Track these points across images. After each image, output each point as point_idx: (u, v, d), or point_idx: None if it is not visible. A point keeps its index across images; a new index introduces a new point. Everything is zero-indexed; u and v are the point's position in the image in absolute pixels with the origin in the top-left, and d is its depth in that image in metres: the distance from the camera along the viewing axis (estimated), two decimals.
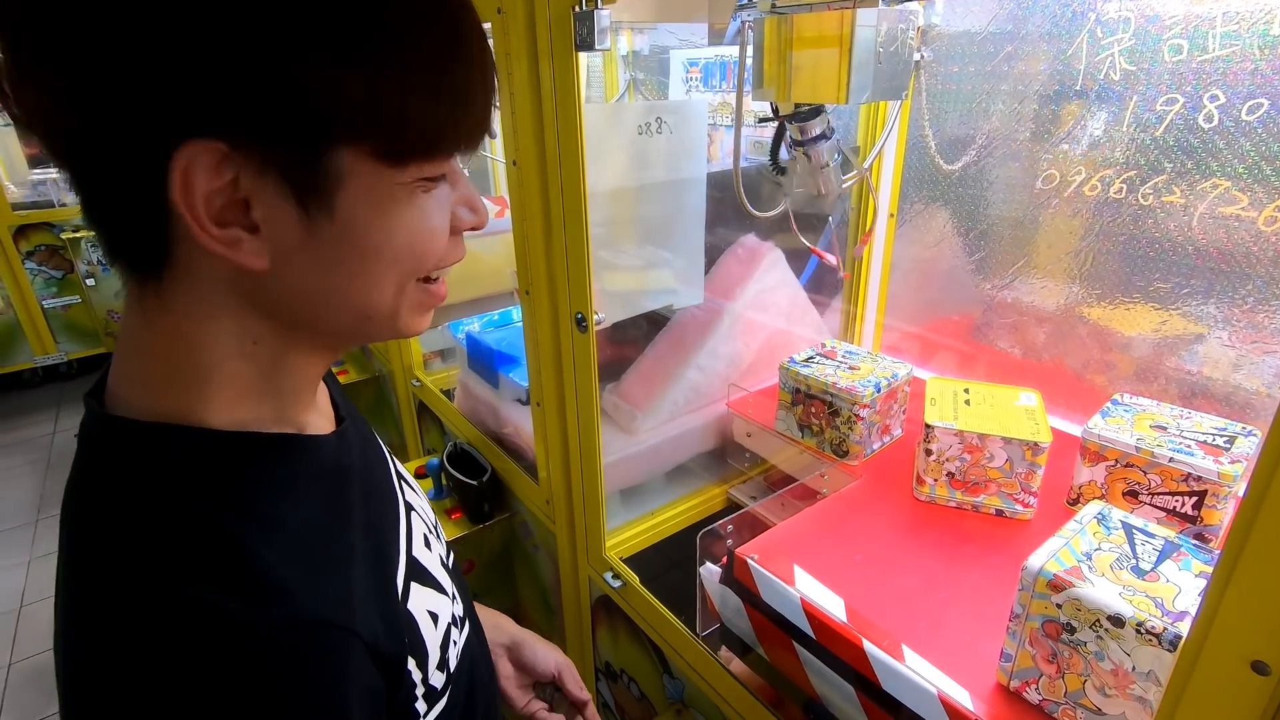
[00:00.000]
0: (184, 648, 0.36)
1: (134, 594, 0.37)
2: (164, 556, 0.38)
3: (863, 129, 1.32)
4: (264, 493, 0.42)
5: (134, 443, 0.41)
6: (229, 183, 0.37)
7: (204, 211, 0.37)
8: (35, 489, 3.03)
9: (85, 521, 0.40)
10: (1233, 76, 0.86)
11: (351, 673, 0.41)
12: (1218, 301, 0.93)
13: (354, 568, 0.45)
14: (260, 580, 0.38)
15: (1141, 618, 0.56)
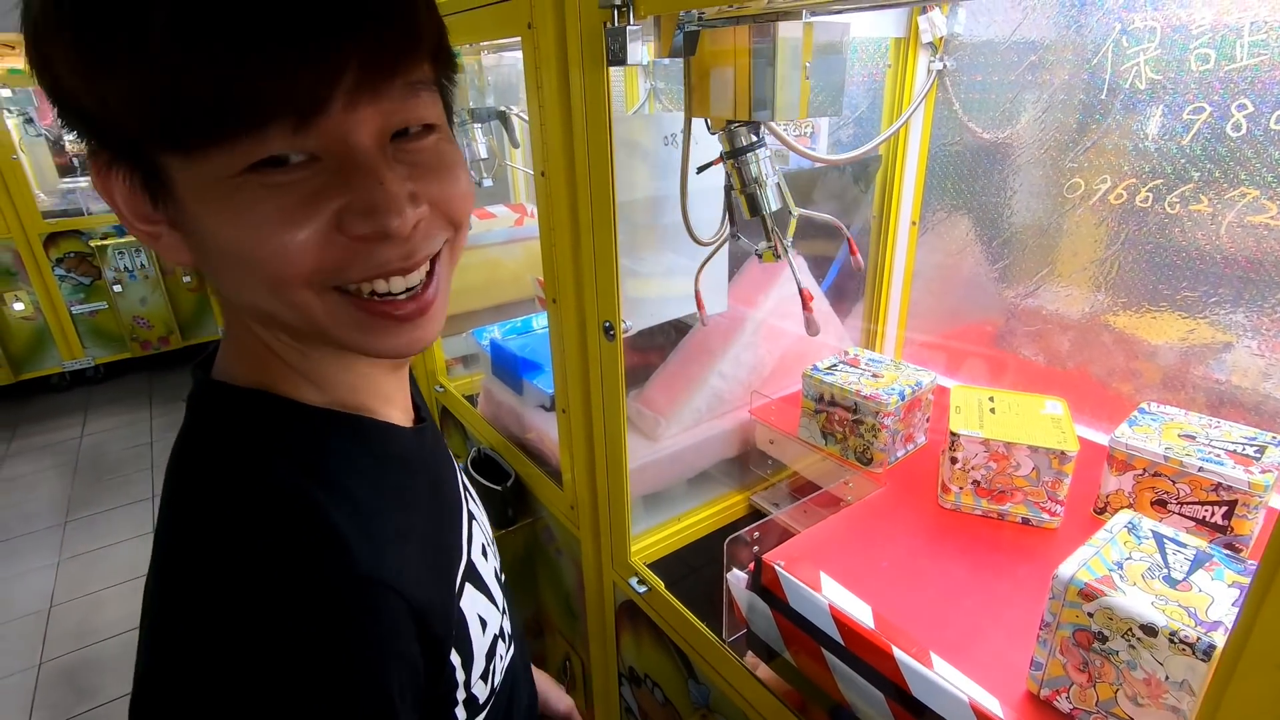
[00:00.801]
0: (246, 588, 0.39)
1: (212, 537, 0.41)
2: (243, 507, 0.42)
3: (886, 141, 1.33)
4: (336, 462, 0.46)
5: (232, 404, 0.46)
6: (138, 187, 0.40)
7: (126, 209, 0.41)
8: (63, 492, 3.09)
9: (184, 471, 0.45)
10: (1261, 85, 0.86)
11: (396, 634, 0.43)
12: (1246, 310, 0.93)
13: (411, 544, 0.47)
14: (323, 535, 0.42)
15: (1175, 627, 0.56)
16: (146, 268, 3.91)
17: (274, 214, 0.38)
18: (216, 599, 0.39)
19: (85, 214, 3.81)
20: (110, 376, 4.15)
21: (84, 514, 2.93)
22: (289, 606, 0.39)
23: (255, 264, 0.39)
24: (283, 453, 0.44)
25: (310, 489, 0.43)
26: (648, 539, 1.19)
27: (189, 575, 0.41)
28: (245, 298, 0.43)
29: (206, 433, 0.46)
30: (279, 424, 0.46)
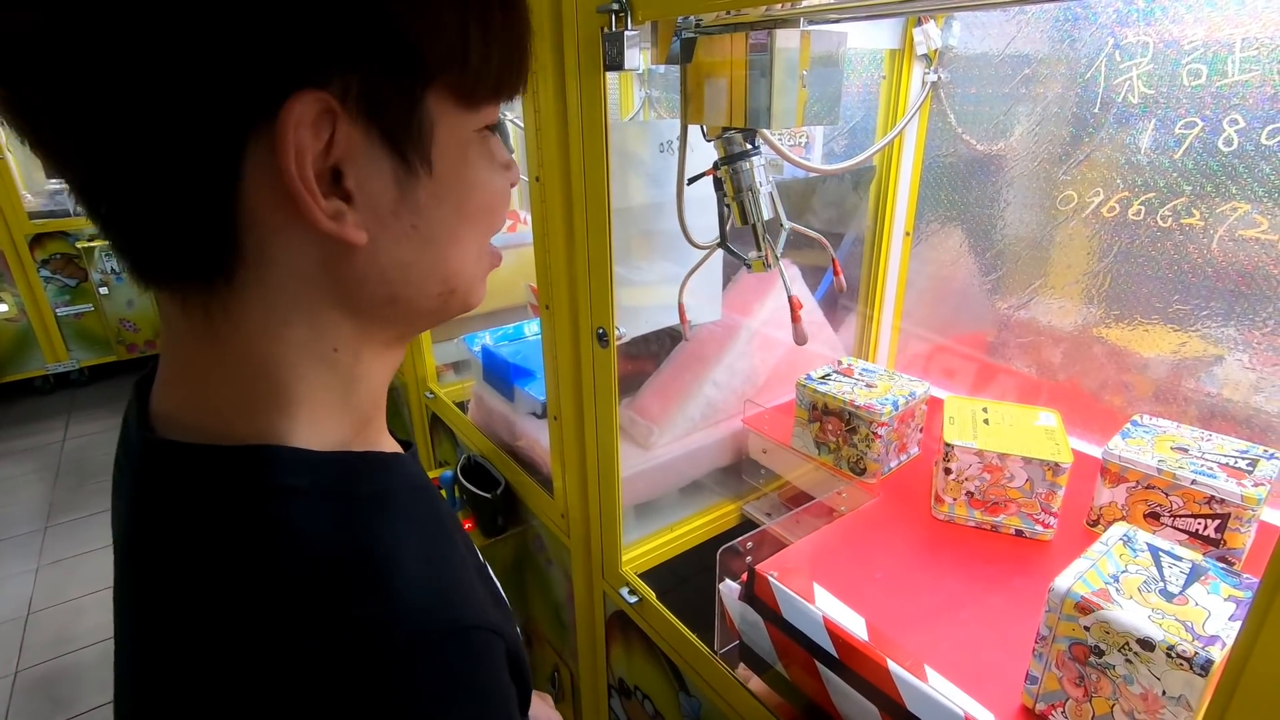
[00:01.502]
0: (359, 665, 0.33)
1: (282, 628, 0.33)
2: (302, 584, 0.34)
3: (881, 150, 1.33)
4: (371, 510, 0.39)
5: (220, 470, 0.36)
6: (325, 145, 0.33)
7: (314, 181, 0.33)
8: (45, 496, 3.04)
9: (187, 568, 0.35)
10: (1252, 101, 0.87)
11: (505, 675, 0.40)
12: (1238, 323, 0.94)
13: (476, 585, 0.43)
14: (407, 592, 0.36)
15: (1172, 641, 0.56)
16: None
17: (496, 168, 0.42)
18: (327, 709, 0.32)
19: (72, 215, 3.77)
20: (95, 380, 4.09)
21: (65, 519, 2.88)
22: (416, 687, 0.34)
23: (486, 215, 0.42)
24: (318, 512, 0.36)
25: (367, 545, 0.36)
26: (639, 548, 1.18)
27: (282, 696, 0.32)
28: (438, 268, 0.40)
29: (210, 512, 0.36)
30: (299, 479, 0.37)
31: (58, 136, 0.32)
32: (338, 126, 0.33)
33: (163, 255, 0.35)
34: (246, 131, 0.32)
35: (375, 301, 0.39)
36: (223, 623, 0.33)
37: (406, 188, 0.37)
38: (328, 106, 0.32)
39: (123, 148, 0.31)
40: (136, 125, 0.31)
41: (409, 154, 0.36)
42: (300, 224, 0.34)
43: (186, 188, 0.32)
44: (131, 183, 0.32)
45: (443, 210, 0.39)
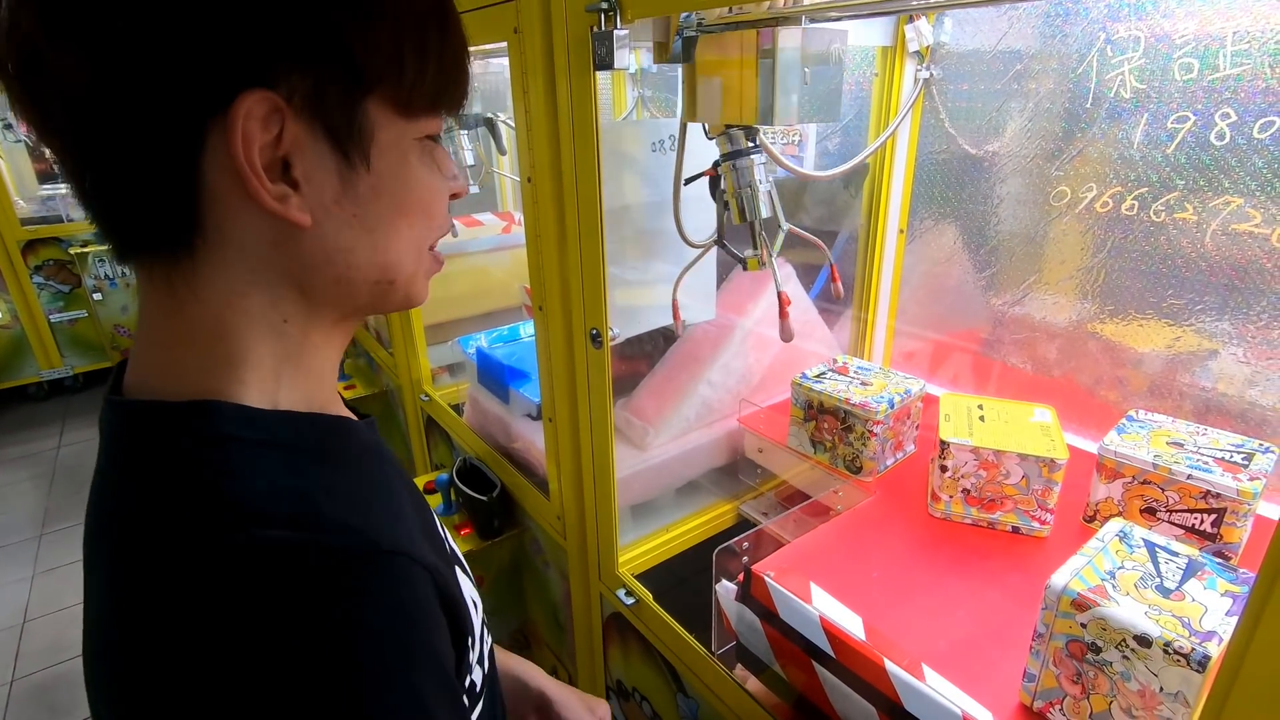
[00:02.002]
0: (274, 585, 0.35)
1: (214, 550, 0.36)
2: (232, 516, 0.37)
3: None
4: (311, 460, 0.42)
5: (170, 421, 0.40)
6: (274, 138, 0.38)
7: (260, 167, 0.38)
8: (40, 503, 3.02)
9: (134, 505, 0.39)
10: (1244, 95, 0.86)
11: (431, 602, 0.42)
12: (1232, 318, 0.93)
13: (409, 524, 0.45)
14: (334, 522, 0.39)
15: (1169, 638, 0.56)
16: (128, 275, 3.86)
17: (436, 174, 0.46)
18: (241, 629, 0.35)
19: (65, 221, 3.76)
20: (89, 385, 4.08)
21: (61, 526, 2.87)
22: (328, 603, 0.36)
23: (426, 214, 0.46)
24: (255, 457, 0.40)
25: (299, 485, 0.40)
26: (635, 550, 1.18)
27: (199, 615, 0.35)
28: (377, 256, 0.44)
29: (154, 459, 0.39)
30: (241, 430, 0.40)
31: (58, 126, 0.38)
32: (285, 123, 0.38)
33: (134, 228, 0.40)
34: (206, 121, 0.37)
35: (322, 281, 0.43)
36: (158, 555, 0.37)
37: (348, 181, 0.42)
38: (275, 105, 0.37)
39: (104, 132, 0.37)
40: (116, 114, 0.36)
41: (350, 151, 0.41)
42: (253, 205, 0.39)
43: (154, 167, 0.38)
44: (110, 162, 0.38)
45: (381, 204, 0.43)
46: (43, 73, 0.36)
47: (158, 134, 0.37)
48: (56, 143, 0.38)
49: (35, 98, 0.37)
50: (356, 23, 0.39)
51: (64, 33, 0.35)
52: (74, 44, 0.35)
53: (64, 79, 0.36)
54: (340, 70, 0.39)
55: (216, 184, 0.38)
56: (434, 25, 0.42)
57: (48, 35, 0.35)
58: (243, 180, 0.38)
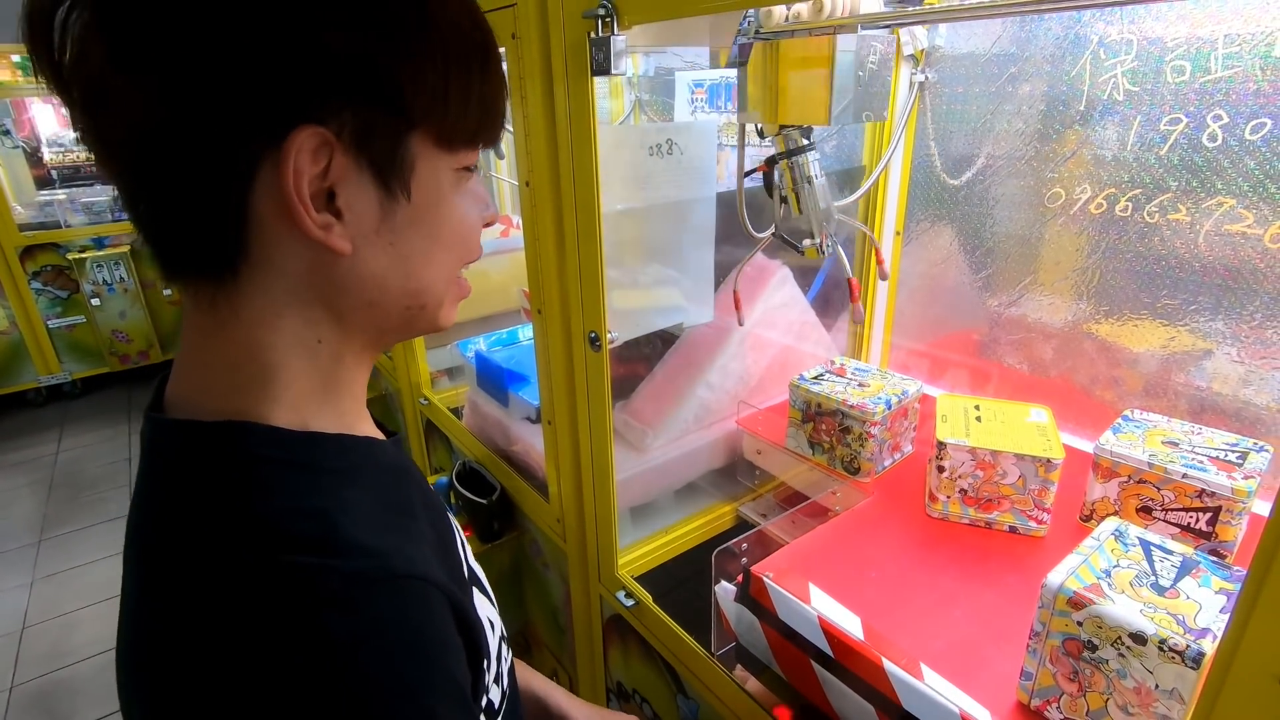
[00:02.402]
0: (292, 607, 0.37)
1: (236, 571, 0.38)
2: (251, 535, 0.39)
3: (868, 151, 1.34)
4: (331, 481, 0.44)
5: (204, 441, 0.42)
6: (322, 170, 0.40)
7: (307, 197, 0.40)
8: (38, 509, 3.02)
9: (168, 519, 0.41)
10: (1235, 97, 0.87)
11: (448, 625, 0.43)
12: (1225, 317, 0.94)
13: (427, 547, 0.46)
14: (351, 545, 0.40)
15: (1164, 635, 0.56)
16: (126, 280, 3.86)
17: (472, 205, 0.48)
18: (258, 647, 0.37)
19: (63, 226, 3.76)
20: (88, 391, 4.07)
21: (59, 532, 2.87)
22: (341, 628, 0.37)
23: (460, 243, 0.48)
24: (278, 480, 0.42)
25: (319, 507, 0.41)
26: (635, 552, 1.18)
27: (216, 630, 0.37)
28: (409, 283, 0.46)
29: (185, 478, 0.42)
30: (266, 451, 0.42)
31: (119, 154, 0.39)
32: (334, 156, 0.40)
33: (184, 252, 0.42)
34: (260, 154, 0.39)
35: (356, 305, 0.45)
36: (185, 571, 0.39)
37: (388, 211, 0.43)
38: (326, 140, 0.39)
39: (162, 162, 0.38)
40: (176, 145, 0.38)
41: (392, 183, 0.43)
42: (297, 233, 0.41)
43: (207, 196, 0.39)
44: (165, 190, 0.39)
45: (418, 233, 0.45)
46: (108, 103, 0.37)
47: (214, 165, 0.39)
48: (115, 169, 0.40)
49: (98, 126, 0.38)
50: (406, 62, 0.41)
51: (131, 66, 0.36)
52: (140, 77, 0.36)
53: (128, 110, 0.37)
54: (388, 107, 0.41)
55: (263, 211, 0.40)
56: (477, 65, 0.44)
57: (115, 67, 0.36)
58: (289, 209, 0.40)
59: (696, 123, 1.51)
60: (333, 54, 0.38)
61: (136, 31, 0.36)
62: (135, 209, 0.41)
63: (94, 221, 3.87)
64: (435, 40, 0.42)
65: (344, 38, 0.38)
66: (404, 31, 0.41)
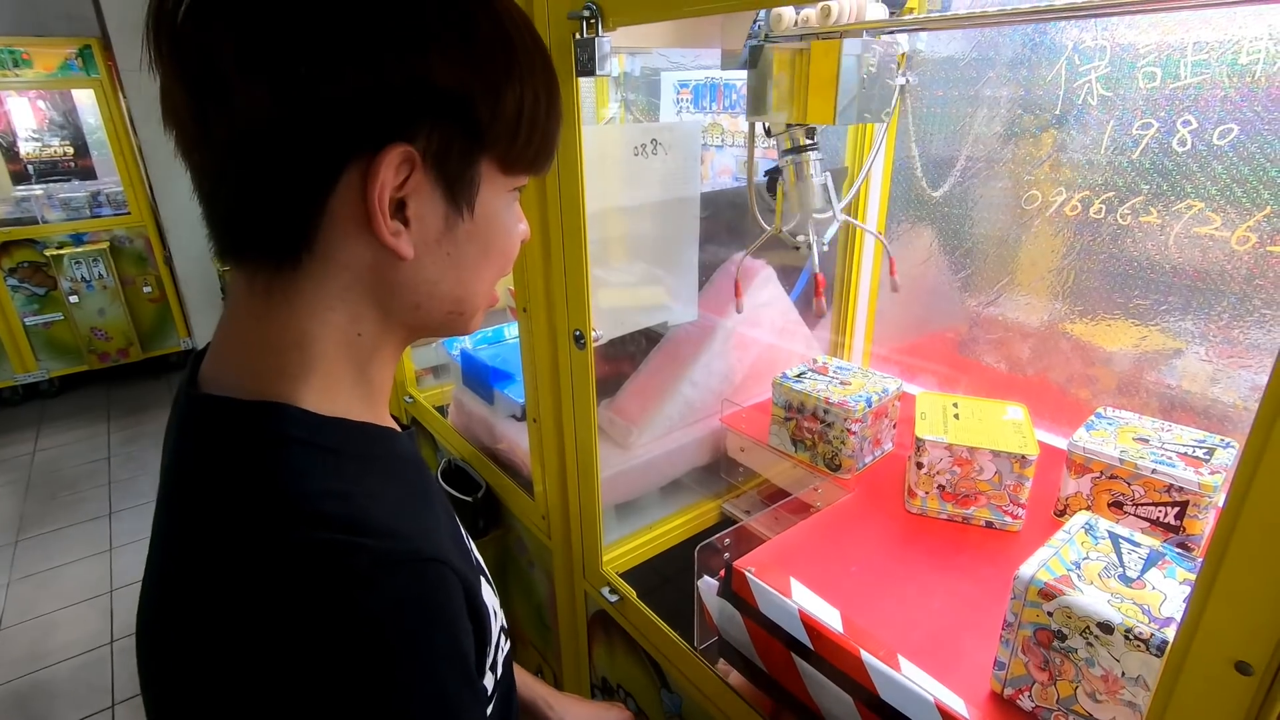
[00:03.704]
0: (322, 581, 0.39)
1: (270, 544, 0.40)
2: (285, 512, 0.41)
3: (850, 152, 1.36)
4: (360, 467, 0.47)
5: (241, 418, 0.44)
6: (401, 182, 0.43)
7: (386, 206, 0.43)
8: (15, 509, 2.97)
9: (202, 493, 0.43)
10: (1204, 103, 0.90)
11: (461, 608, 0.46)
12: (1194, 318, 0.97)
13: (444, 535, 0.50)
14: (379, 527, 0.43)
15: (1130, 624, 0.58)
16: (105, 278, 3.81)
17: (516, 223, 0.53)
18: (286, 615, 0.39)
19: (40, 222, 3.70)
20: (65, 390, 4.02)
21: (36, 533, 2.83)
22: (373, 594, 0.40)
23: (504, 258, 0.52)
24: (310, 461, 0.44)
25: (347, 490, 0.44)
26: (620, 548, 1.19)
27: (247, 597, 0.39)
28: (458, 290, 0.50)
29: (221, 454, 0.44)
30: (299, 433, 0.45)
31: (214, 142, 0.42)
32: (414, 172, 0.44)
33: (253, 238, 0.44)
34: (349, 160, 0.42)
35: (404, 306, 0.49)
36: (222, 544, 0.41)
37: (451, 224, 0.47)
38: (411, 157, 0.43)
39: (262, 159, 0.41)
40: (280, 146, 0.41)
41: (459, 199, 0.47)
42: (365, 234, 0.44)
43: (293, 193, 0.43)
44: (254, 183, 0.42)
45: (473, 247, 0.49)
46: (227, 99, 0.40)
47: (309, 166, 0.42)
48: (202, 156, 0.43)
49: (203, 115, 0.41)
50: (492, 94, 0.45)
51: (257, 68, 0.39)
52: (264, 80, 0.39)
53: (246, 108, 0.40)
54: (468, 132, 0.45)
55: (339, 211, 0.43)
56: (546, 100, 0.49)
57: (240, 69, 0.39)
58: (367, 213, 0.43)
59: (681, 123, 1.52)
60: (434, 83, 0.42)
61: (272, 43, 0.39)
62: (214, 192, 0.44)
63: (72, 217, 3.82)
64: (517, 76, 0.46)
65: (446, 69, 0.42)
66: (494, 65, 0.45)
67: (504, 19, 0.45)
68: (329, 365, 0.47)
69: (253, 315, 0.46)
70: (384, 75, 0.41)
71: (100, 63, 3.63)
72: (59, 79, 3.71)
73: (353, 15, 0.40)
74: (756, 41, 0.96)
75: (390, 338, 0.50)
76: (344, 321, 0.47)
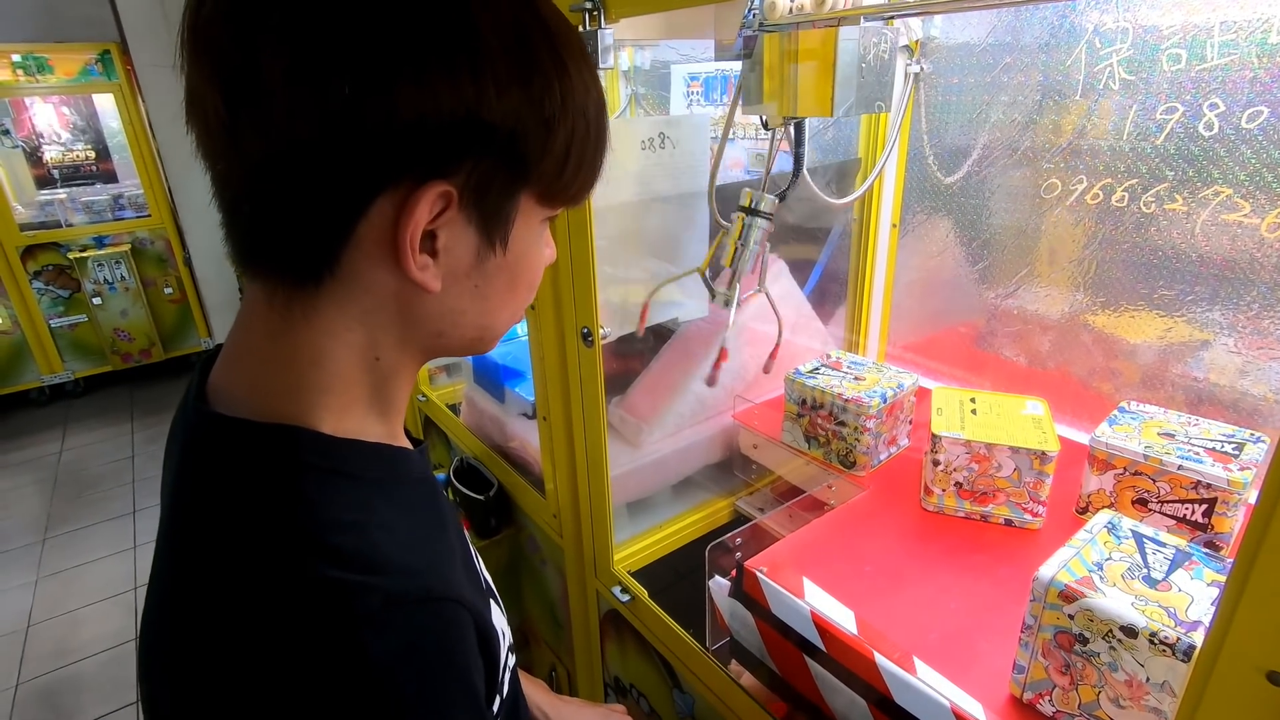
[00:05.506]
0: (333, 622, 0.38)
1: (280, 579, 0.39)
2: (299, 545, 0.40)
3: (864, 142, 1.33)
4: (374, 493, 0.45)
5: (255, 442, 0.43)
6: (433, 217, 0.41)
7: (416, 241, 0.41)
8: (42, 508, 3.04)
9: (212, 519, 0.42)
10: (1232, 85, 0.86)
11: (473, 647, 0.45)
12: (1223, 308, 0.93)
13: (457, 564, 0.48)
14: (391, 563, 0.41)
15: (1155, 628, 0.56)
16: (127, 279, 3.87)
17: (543, 248, 0.50)
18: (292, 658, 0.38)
19: (64, 226, 3.77)
20: (90, 390, 4.09)
21: (63, 530, 2.88)
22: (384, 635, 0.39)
23: (531, 288, 0.50)
24: (323, 490, 0.43)
25: (360, 523, 0.42)
26: (632, 546, 1.18)
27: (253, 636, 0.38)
28: (483, 319, 0.48)
29: (233, 477, 0.43)
30: (314, 458, 0.44)
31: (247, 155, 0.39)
32: (449, 207, 0.41)
33: (275, 256, 0.42)
34: (385, 188, 0.40)
35: (426, 334, 0.47)
36: (232, 574, 0.40)
37: (482, 258, 0.45)
38: (447, 193, 0.41)
39: (296, 177, 0.39)
40: (318, 166, 0.39)
41: (493, 235, 0.44)
42: (391, 264, 0.42)
43: (322, 215, 0.41)
44: (282, 200, 0.40)
45: (502, 280, 0.47)
46: (267, 110, 0.37)
47: (342, 190, 0.40)
48: (228, 164, 0.40)
49: (235, 123, 0.38)
50: (544, 130, 0.42)
51: (306, 80, 0.37)
52: (311, 95, 0.37)
53: (286, 122, 0.38)
54: (512, 168, 0.43)
55: (365, 238, 0.41)
56: (594, 135, 0.46)
57: (288, 82, 0.37)
58: (394, 246, 0.41)
59: (689, 116, 1.50)
60: (484, 117, 0.40)
61: (324, 56, 0.37)
62: (236, 203, 0.41)
63: (95, 220, 3.89)
64: (571, 108, 0.43)
65: (500, 101, 0.40)
66: (550, 98, 0.42)
67: (560, 46, 0.43)
68: (345, 384, 0.46)
69: (269, 329, 0.44)
70: (437, 104, 0.38)
71: (120, 67, 3.67)
72: (80, 84, 3.77)
73: (410, 33, 0.37)
74: (751, 31, 0.93)
75: (409, 360, 0.49)
76: (363, 343, 0.45)
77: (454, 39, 0.38)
